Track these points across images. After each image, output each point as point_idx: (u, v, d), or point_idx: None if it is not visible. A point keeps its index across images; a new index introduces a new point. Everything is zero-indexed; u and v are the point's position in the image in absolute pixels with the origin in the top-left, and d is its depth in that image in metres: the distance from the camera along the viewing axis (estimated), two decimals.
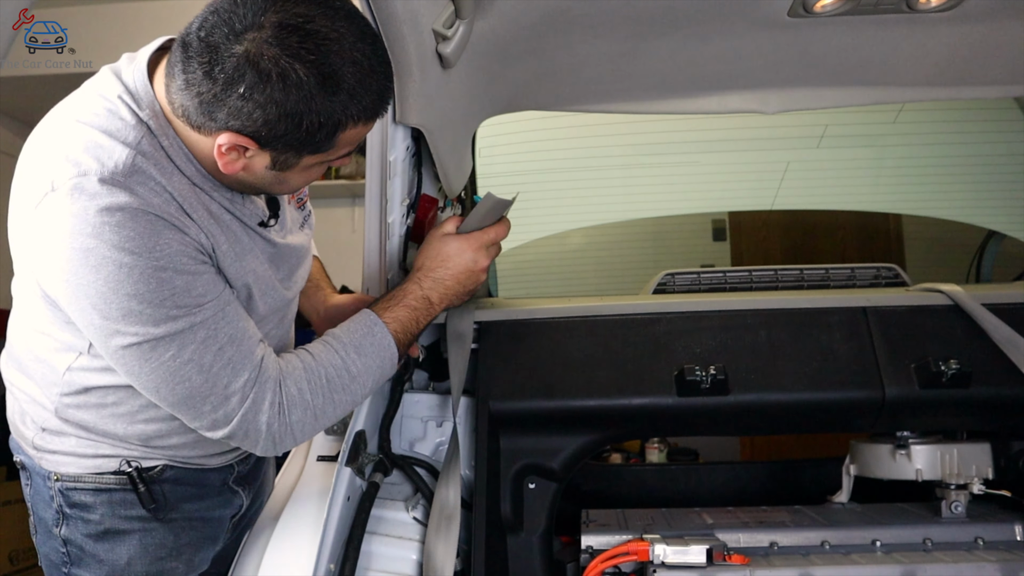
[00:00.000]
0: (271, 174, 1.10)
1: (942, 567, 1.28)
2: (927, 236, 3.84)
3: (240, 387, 1.11)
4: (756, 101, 1.57)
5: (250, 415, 1.12)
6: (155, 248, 1.02)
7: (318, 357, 1.20)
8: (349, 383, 1.20)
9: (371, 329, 1.24)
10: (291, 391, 1.15)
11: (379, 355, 1.24)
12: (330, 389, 1.19)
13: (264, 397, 1.13)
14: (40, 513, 1.32)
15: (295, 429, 1.17)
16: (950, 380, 1.43)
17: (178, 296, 1.04)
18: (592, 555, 1.36)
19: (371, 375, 1.23)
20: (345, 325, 1.25)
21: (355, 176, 4.45)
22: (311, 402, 1.17)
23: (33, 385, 1.27)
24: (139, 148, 1.05)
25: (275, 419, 1.14)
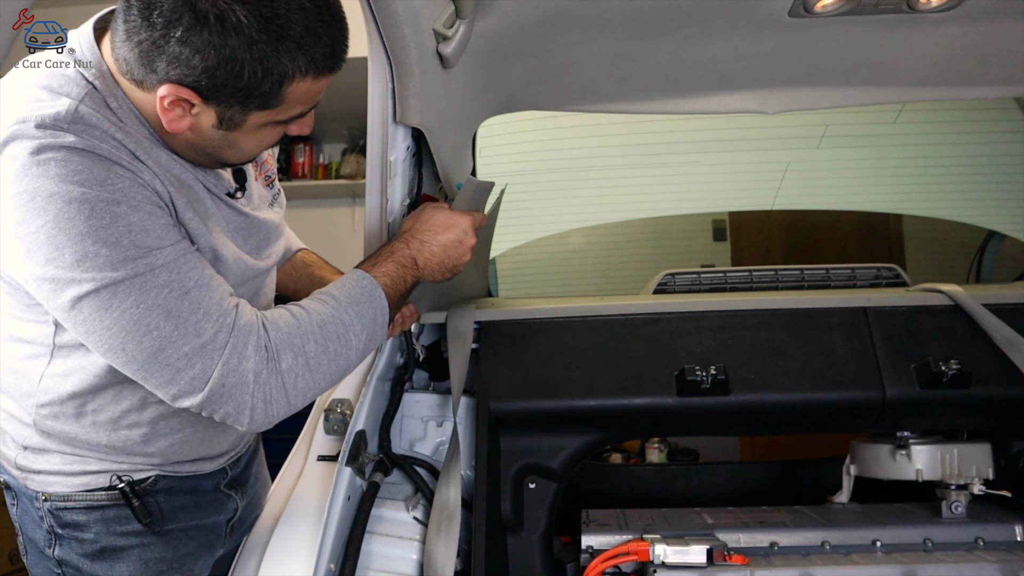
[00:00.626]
0: (219, 135, 1.05)
1: (942, 567, 1.28)
2: (927, 236, 3.84)
3: (214, 333, 1.00)
4: (756, 101, 1.57)
5: (232, 362, 1.01)
6: (106, 181, 0.96)
7: (307, 307, 1.12)
8: (343, 332, 1.12)
9: (359, 281, 1.17)
10: (279, 334, 1.06)
11: (372, 307, 1.16)
12: (323, 336, 1.09)
13: (247, 340, 1.02)
14: (30, 534, 1.28)
15: (287, 380, 1.06)
16: (950, 380, 1.43)
17: (135, 234, 0.97)
18: (592, 555, 1.36)
19: (364, 328, 1.15)
20: (334, 282, 1.19)
21: (355, 176, 4.46)
22: (302, 347, 1.07)
23: (9, 400, 1.22)
24: (83, 102, 1.00)
25: (262, 365, 1.03)
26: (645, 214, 3.07)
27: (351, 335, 1.13)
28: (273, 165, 1.38)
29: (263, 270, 1.30)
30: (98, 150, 0.97)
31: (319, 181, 4.57)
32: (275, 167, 1.39)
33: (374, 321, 1.17)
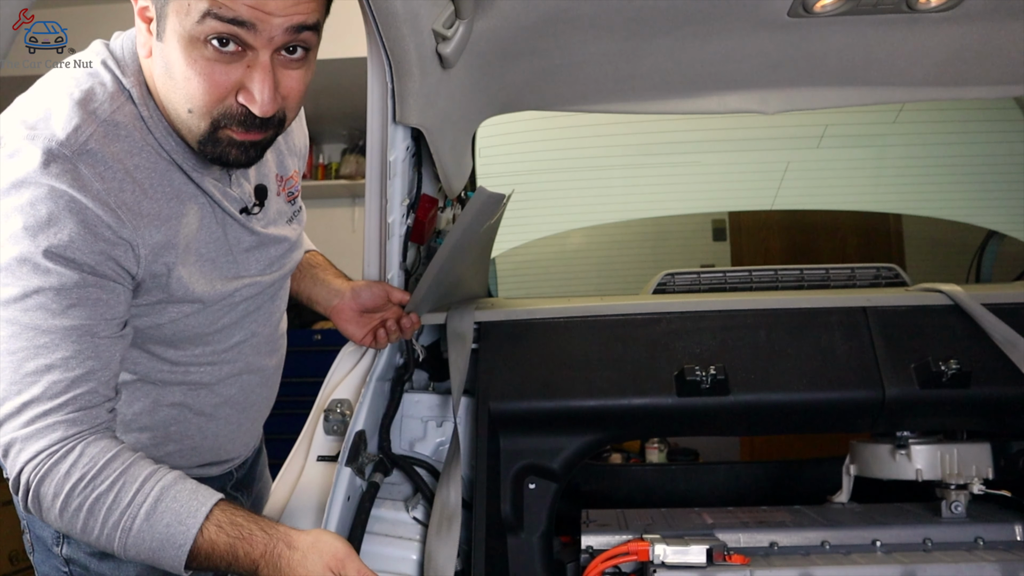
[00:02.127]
0: (159, 54, 1.02)
1: (942, 567, 1.28)
2: (927, 236, 3.85)
3: (30, 417, 0.98)
4: (756, 101, 1.57)
5: (14, 448, 0.99)
6: (55, 236, 0.96)
7: (124, 473, 1.01)
8: (111, 529, 1.00)
9: (183, 519, 1.01)
10: (61, 467, 0.99)
11: (162, 543, 1.00)
12: (88, 510, 0.99)
13: (38, 439, 0.98)
14: (37, 531, 1.29)
15: (42, 505, 1.00)
16: (950, 380, 1.43)
17: (44, 293, 0.97)
18: (592, 555, 1.36)
19: (135, 546, 1.00)
20: (189, 485, 1.05)
21: (355, 176, 4.46)
22: (63, 496, 0.99)
23: None
24: (111, 119, 1.02)
25: (27, 469, 0.99)
26: (645, 214, 3.07)
27: (117, 534, 1.00)
28: (298, 182, 1.37)
29: (274, 281, 1.30)
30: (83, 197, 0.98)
31: (319, 181, 4.58)
32: (299, 184, 1.37)
33: (155, 552, 1.01)
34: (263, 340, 1.34)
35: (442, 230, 1.68)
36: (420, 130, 1.34)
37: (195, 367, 1.24)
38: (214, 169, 1.14)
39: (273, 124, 1.06)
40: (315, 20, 1.01)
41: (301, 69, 1.05)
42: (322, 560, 1.04)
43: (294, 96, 1.06)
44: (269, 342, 1.36)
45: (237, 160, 1.09)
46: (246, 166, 1.13)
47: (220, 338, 1.25)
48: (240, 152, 1.08)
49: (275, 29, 0.98)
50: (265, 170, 1.28)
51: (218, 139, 1.05)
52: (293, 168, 1.36)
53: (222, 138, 1.05)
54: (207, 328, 1.21)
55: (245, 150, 1.08)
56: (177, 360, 1.22)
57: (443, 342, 1.55)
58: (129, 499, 1.00)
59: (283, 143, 1.33)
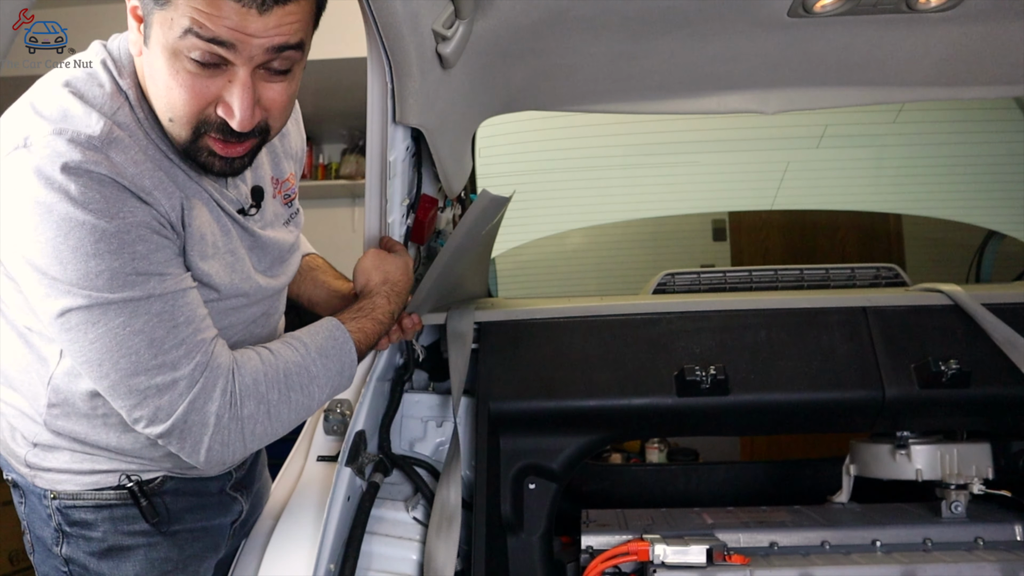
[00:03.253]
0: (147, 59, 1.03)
1: (942, 567, 1.28)
2: (927, 236, 3.85)
3: (190, 371, 1.04)
4: (756, 101, 1.57)
5: (199, 402, 1.04)
6: (119, 214, 0.99)
7: (277, 353, 1.15)
8: (308, 383, 1.15)
9: (333, 333, 1.21)
10: (246, 381, 1.09)
11: (340, 360, 1.20)
12: (287, 386, 1.13)
13: (215, 384, 1.06)
14: (37, 532, 1.29)
15: (246, 426, 1.09)
16: (950, 380, 1.43)
17: (138, 262, 1.00)
18: (592, 555, 1.36)
19: (330, 381, 1.19)
20: (307, 328, 1.22)
21: (355, 176, 4.46)
22: (266, 395, 1.10)
23: (21, 398, 1.23)
24: (115, 119, 1.03)
25: (226, 410, 1.06)
26: (645, 214, 3.07)
27: (315, 387, 1.17)
28: (295, 185, 1.37)
29: (275, 289, 1.31)
30: (122, 178, 1.00)
31: (319, 181, 4.57)
32: (296, 186, 1.38)
33: (340, 374, 1.21)
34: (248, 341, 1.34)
35: (442, 230, 1.68)
36: (420, 130, 1.34)
37: None
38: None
39: (255, 134, 1.07)
40: (298, 40, 1.01)
41: (284, 82, 1.05)
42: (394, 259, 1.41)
43: (277, 108, 1.07)
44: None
45: (221, 170, 1.09)
46: (232, 175, 1.14)
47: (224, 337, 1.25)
48: (224, 164, 1.08)
49: (255, 49, 0.98)
50: (261, 172, 1.28)
51: (199, 148, 1.06)
52: (289, 171, 1.36)
53: (203, 147, 1.06)
54: (216, 323, 1.22)
55: (229, 162, 1.09)
56: None
57: (443, 342, 1.55)
58: (298, 356, 1.16)
59: (279, 145, 1.33)
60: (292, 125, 1.39)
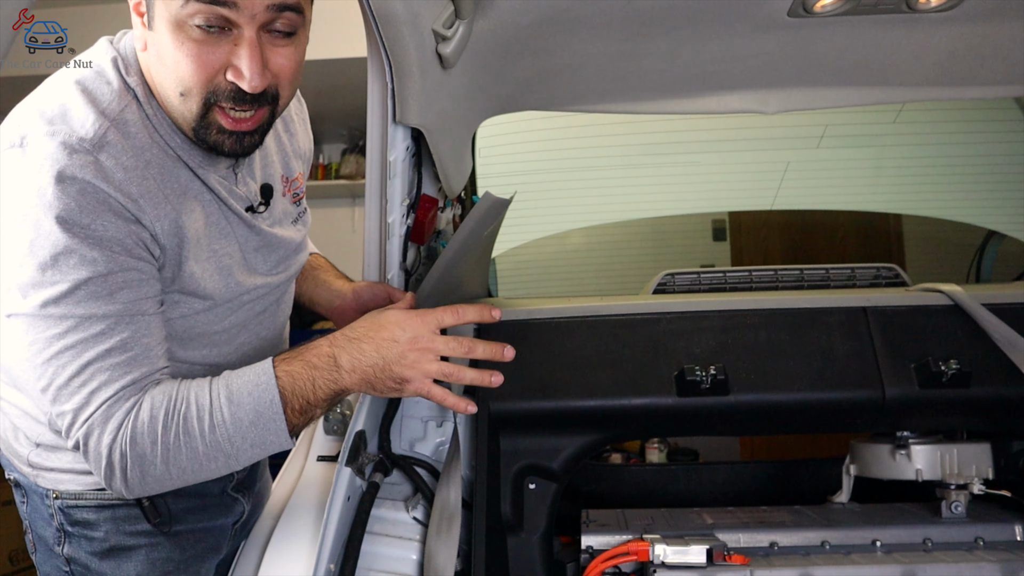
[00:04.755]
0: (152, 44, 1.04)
1: (942, 567, 1.28)
2: (927, 236, 3.85)
3: (101, 399, 1.02)
4: (756, 101, 1.57)
5: (96, 432, 1.03)
6: (89, 226, 1.00)
7: (190, 390, 1.06)
8: (208, 433, 1.04)
9: (257, 377, 1.07)
10: (142, 418, 1.03)
11: (255, 410, 1.05)
12: (185, 431, 1.04)
13: (111, 417, 1.02)
14: (39, 531, 1.29)
15: (141, 465, 1.04)
16: (950, 380, 1.43)
17: (94, 281, 1.00)
18: (592, 555, 1.36)
19: (239, 432, 1.05)
20: (241, 369, 1.10)
21: (355, 176, 4.46)
22: (160, 437, 1.03)
23: (24, 398, 1.24)
24: (120, 117, 1.04)
25: (117, 446, 1.03)
26: (645, 214, 3.08)
27: (219, 436, 1.05)
28: (303, 184, 1.38)
29: (280, 283, 1.31)
30: (107, 183, 1.00)
31: (319, 181, 4.58)
32: (304, 186, 1.39)
33: (256, 425, 1.06)
34: (268, 344, 1.34)
35: (442, 230, 1.68)
36: (420, 130, 1.34)
37: (200, 365, 1.25)
38: (220, 167, 1.15)
39: (266, 100, 1.08)
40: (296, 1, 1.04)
41: (290, 47, 1.07)
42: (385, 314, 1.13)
43: (285, 74, 1.08)
44: (274, 347, 1.36)
45: (232, 149, 1.10)
46: (243, 155, 1.14)
47: (227, 338, 1.26)
48: (234, 142, 1.09)
49: (256, 6, 1.00)
50: (271, 171, 1.29)
51: (209, 125, 1.06)
52: (298, 170, 1.37)
53: (212, 124, 1.06)
54: (215, 326, 1.22)
55: (239, 139, 1.09)
56: (183, 359, 1.22)
57: None
58: (208, 400, 1.05)
59: (288, 145, 1.34)
60: (300, 126, 1.40)
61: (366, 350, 1.10)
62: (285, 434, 1.07)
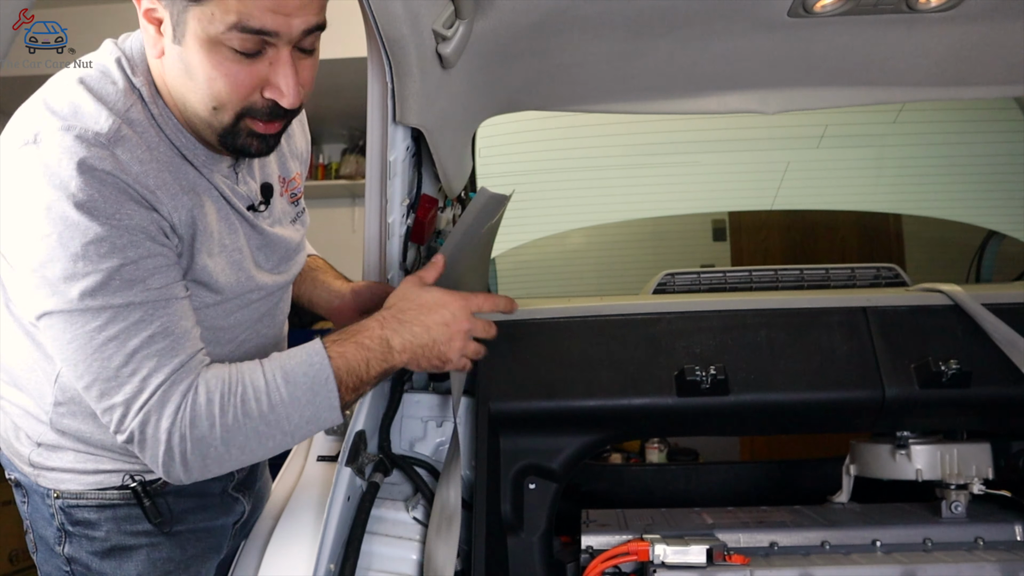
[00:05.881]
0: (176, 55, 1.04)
1: (942, 567, 1.28)
2: (927, 236, 3.85)
3: (153, 386, 1.03)
4: (756, 101, 1.57)
5: (153, 418, 1.03)
6: (114, 215, 1.00)
7: (243, 372, 1.09)
8: (268, 412, 1.07)
9: (310, 359, 1.10)
10: (200, 401, 1.04)
11: (311, 389, 1.09)
12: (244, 412, 1.06)
13: (169, 400, 1.03)
14: (40, 531, 1.29)
15: (200, 447, 1.05)
16: (950, 380, 1.43)
17: (126, 267, 1.01)
18: (592, 555, 1.36)
19: (298, 411, 1.09)
20: (289, 351, 1.14)
21: (355, 176, 4.46)
22: (218, 419, 1.05)
23: (25, 397, 1.24)
24: (127, 116, 1.05)
25: (176, 429, 1.04)
26: (645, 214, 3.08)
27: (276, 416, 1.08)
28: (301, 183, 1.39)
29: (281, 285, 1.32)
30: (125, 175, 1.01)
31: (319, 181, 4.58)
32: (303, 186, 1.39)
33: (312, 404, 1.10)
34: (269, 344, 1.34)
35: (442, 230, 1.68)
36: (420, 130, 1.34)
37: None
38: (222, 166, 1.16)
39: (294, 111, 1.11)
40: (324, 19, 1.07)
41: (312, 59, 1.11)
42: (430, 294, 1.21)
43: (308, 84, 1.12)
44: (275, 347, 1.37)
45: (259, 150, 1.13)
46: (266, 154, 1.17)
47: (230, 336, 1.26)
48: (261, 143, 1.12)
49: (294, 31, 1.03)
50: (269, 171, 1.29)
51: (239, 130, 1.09)
52: (295, 170, 1.38)
53: (242, 129, 1.09)
54: (221, 321, 1.23)
55: (265, 140, 1.12)
56: None
57: None
58: (263, 380, 1.07)
59: (285, 146, 1.35)
60: (297, 126, 1.40)
61: (417, 332, 1.19)
62: (338, 411, 1.12)
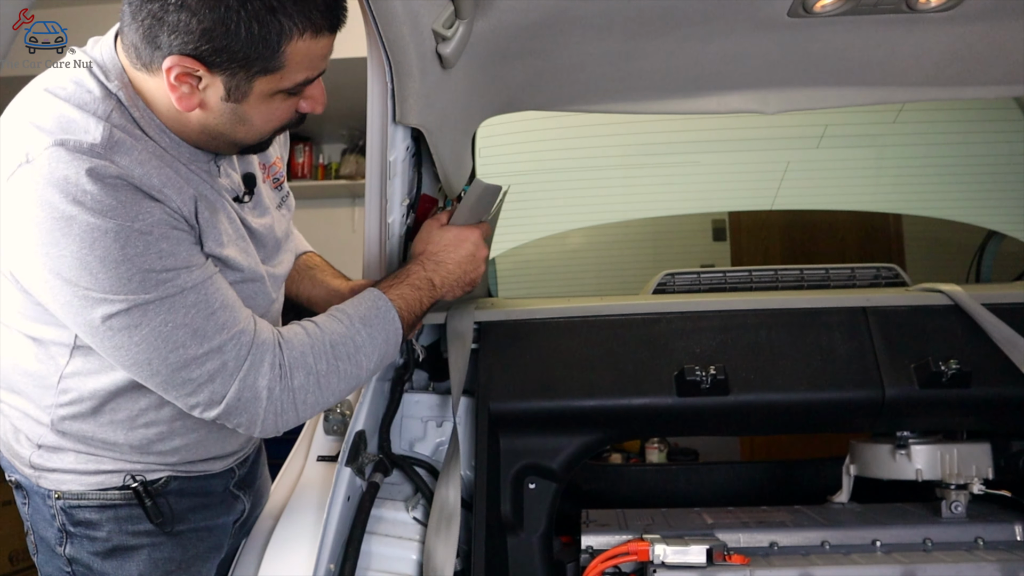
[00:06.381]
0: (229, 109, 1.06)
1: (942, 567, 1.28)
2: (927, 236, 3.84)
3: (236, 351, 1.07)
4: (756, 101, 1.57)
5: (249, 379, 1.08)
6: (139, 216, 1.00)
7: (322, 325, 1.18)
8: (354, 352, 1.18)
9: (376, 303, 1.24)
10: (293, 353, 1.12)
11: (384, 329, 1.22)
12: (335, 356, 1.16)
13: (263, 359, 1.09)
14: (41, 532, 1.29)
15: (298, 396, 1.12)
16: (950, 380, 1.43)
17: (166, 259, 1.02)
18: (592, 555, 1.36)
19: (376, 349, 1.21)
20: (349, 301, 1.25)
21: (355, 176, 4.46)
22: (314, 366, 1.13)
23: (24, 400, 1.23)
24: (111, 120, 1.04)
25: (276, 382, 1.10)
26: (645, 214, 3.07)
27: (362, 355, 1.19)
28: (282, 168, 1.39)
29: (276, 277, 1.32)
30: (132, 178, 1.01)
31: (319, 181, 4.57)
32: (284, 170, 1.40)
33: (386, 342, 1.23)
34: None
35: None
36: (420, 130, 1.34)
37: None
38: (203, 162, 1.16)
39: None
40: None
41: None
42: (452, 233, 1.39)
43: None
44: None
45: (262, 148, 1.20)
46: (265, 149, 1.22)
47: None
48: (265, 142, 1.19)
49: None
50: (249, 159, 1.28)
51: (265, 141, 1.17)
52: (276, 155, 1.37)
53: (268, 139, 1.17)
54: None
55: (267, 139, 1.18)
56: None
57: (443, 342, 1.55)
58: (343, 327, 1.18)
59: None
60: None
61: (451, 268, 1.37)
62: (399, 346, 1.28)
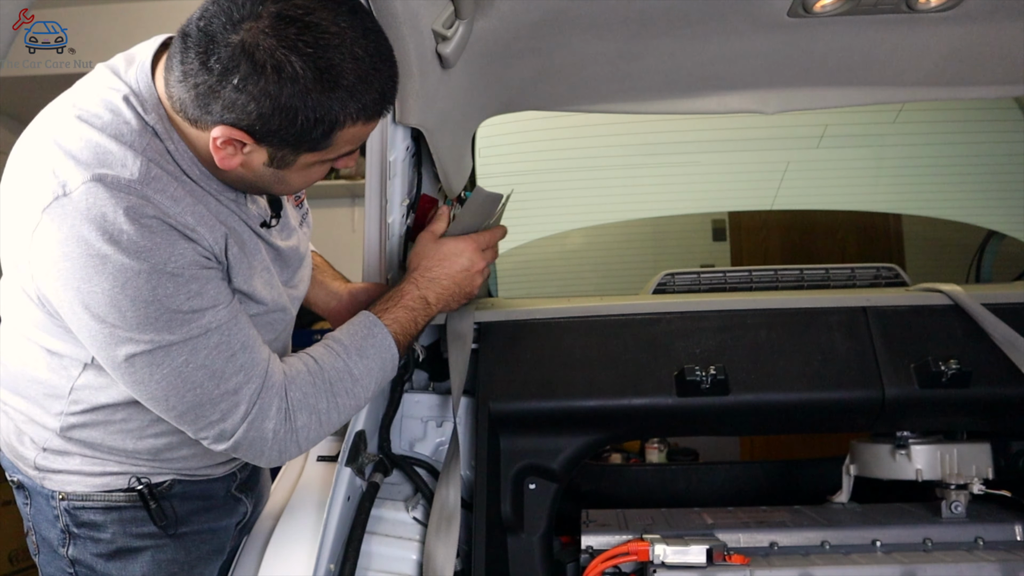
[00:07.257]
0: (269, 172, 1.08)
1: (942, 567, 1.28)
2: (927, 236, 3.84)
3: (249, 395, 1.10)
4: (756, 101, 1.57)
5: (257, 422, 1.11)
6: (171, 257, 1.01)
7: (320, 361, 1.19)
8: (352, 386, 1.20)
9: (371, 331, 1.25)
10: (295, 396, 1.15)
11: (380, 356, 1.24)
12: (333, 393, 1.18)
13: (271, 403, 1.12)
14: (43, 533, 1.29)
15: (300, 435, 1.16)
16: (950, 380, 1.43)
17: (194, 299, 1.04)
18: (592, 555, 1.36)
19: (373, 377, 1.23)
20: (345, 327, 1.25)
21: (355, 176, 4.45)
22: (315, 406, 1.16)
23: (30, 405, 1.23)
24: (147, 154, 1.03)
25: (281, 425, 1.13)
26: (645, 214, 3.07)
27: (359, 387, 1.22)
28: None
29: (296, 298, 1.34)
30: (168, 217, 1.02)
31: (319, 181, 4.57)
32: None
33: (382, 369, 1.25)
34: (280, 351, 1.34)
35: None
36: (420, 130, 1.34)
37: None
38: (232, 191, 1.16)
39: None
40: None
41: None
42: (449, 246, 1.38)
43: None
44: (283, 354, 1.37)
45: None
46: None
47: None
48: None
49: None
50: None
51: None
52: None
53: None
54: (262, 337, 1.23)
55: None
56: None
57: (443, 342, 1.55)
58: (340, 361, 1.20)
59: None
60: None
61: (445, 284, 1.36)
62: (396, 369, 1.29)
